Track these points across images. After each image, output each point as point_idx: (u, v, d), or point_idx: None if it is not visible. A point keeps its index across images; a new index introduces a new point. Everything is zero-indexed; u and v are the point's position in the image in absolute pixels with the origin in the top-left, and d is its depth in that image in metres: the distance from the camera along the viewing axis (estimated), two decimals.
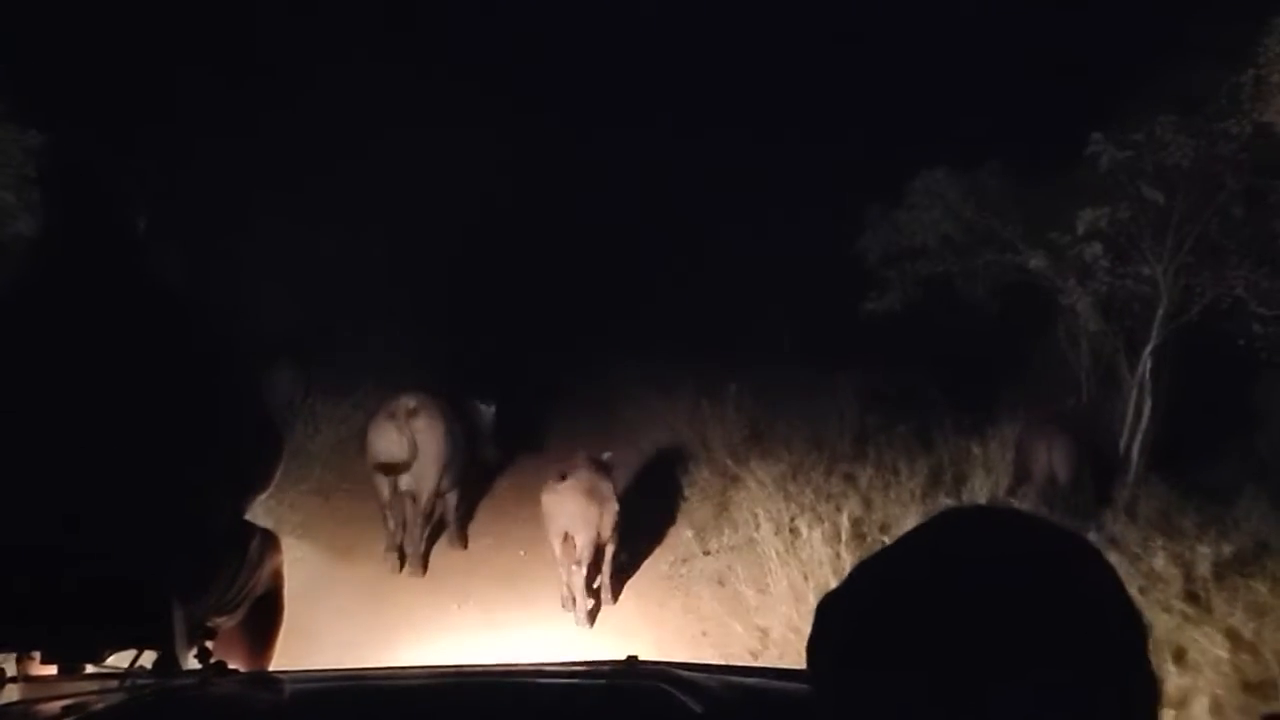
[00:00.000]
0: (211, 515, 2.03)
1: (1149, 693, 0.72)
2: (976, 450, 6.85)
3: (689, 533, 6.34)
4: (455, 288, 12.30)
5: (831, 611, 0.80)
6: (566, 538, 5.21)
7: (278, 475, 2.20)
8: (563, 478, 5.28)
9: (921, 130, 10.27)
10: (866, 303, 8.02)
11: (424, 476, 6.09)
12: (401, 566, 6.14)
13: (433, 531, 6.48)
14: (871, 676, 0.73)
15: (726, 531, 6.31)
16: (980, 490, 6.34)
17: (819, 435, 7.62)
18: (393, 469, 5.98)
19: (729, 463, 7.34)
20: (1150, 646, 0.73)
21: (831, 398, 8.59)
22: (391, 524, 6.15)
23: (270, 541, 2.28)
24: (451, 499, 6.52)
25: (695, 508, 7.03)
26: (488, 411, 7.27)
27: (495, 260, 13.32)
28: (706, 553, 6.06)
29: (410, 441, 5.98)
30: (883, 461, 6.99)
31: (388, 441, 6.03)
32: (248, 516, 2.25)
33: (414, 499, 6.14)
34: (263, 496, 2.21)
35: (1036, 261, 7.00)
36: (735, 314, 12.46)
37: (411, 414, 6.06)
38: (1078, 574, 0.75)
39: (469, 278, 12.61)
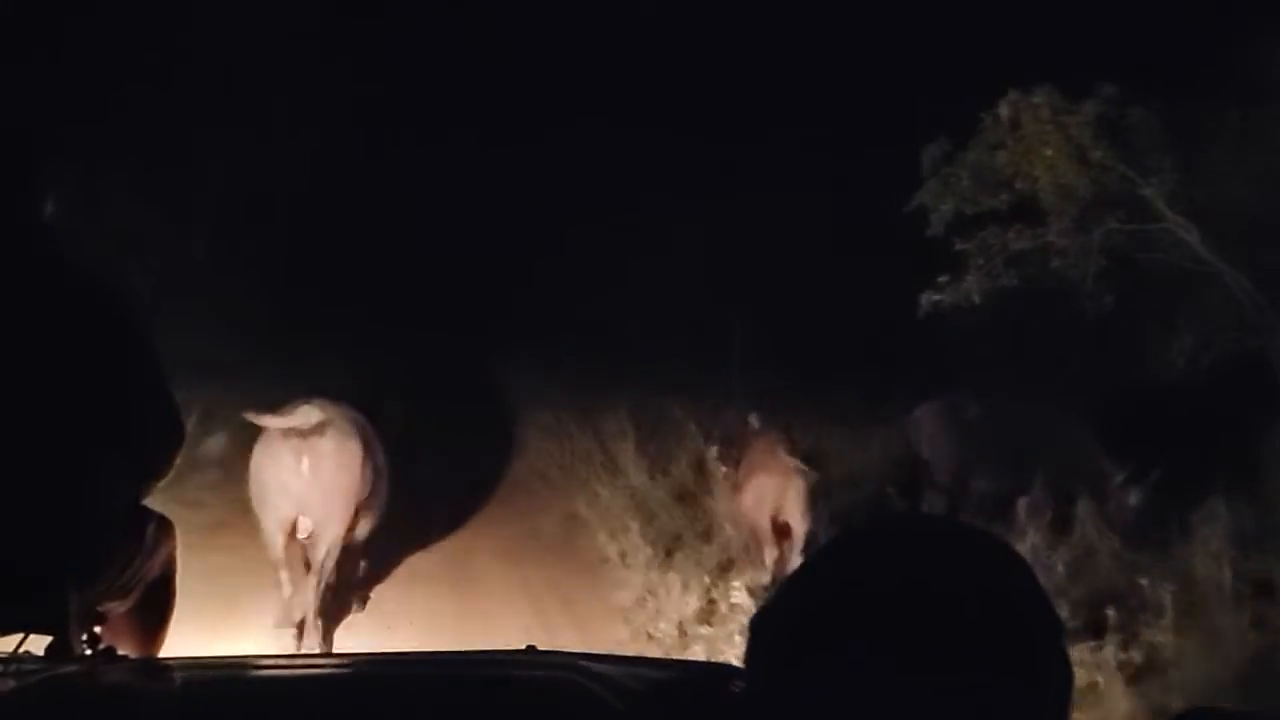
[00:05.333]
0: (110, 500, 2.19)
1: (1062, 684, 0.87)
2: None
3: None
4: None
5: (767, 625, 0.93)
6: None
7: (177, 462, 2.37)
8: None
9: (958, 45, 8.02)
10: (930, 291, 6.42)
11: (330, 519, 5.13)
12: None
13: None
14: (809, 683, 0.85)
15: None
16: None
17: None
18: (288, 508, 5.09)
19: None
20: (1065, 644, 0.90)
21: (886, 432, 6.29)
22: (288, 589, 5.22)
23: (166, 528, 2.46)
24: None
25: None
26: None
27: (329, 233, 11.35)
28: None
29: (311, 469, 5.05)
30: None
31: (281, 468, 5.07)
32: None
33: (311, 550, 5.19)
34: (162, 484, 2.38)
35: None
36: (676, 312, 10.28)
37: (315, 431, 5.11)
38: (1003, 578, 0.89)
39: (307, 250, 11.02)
